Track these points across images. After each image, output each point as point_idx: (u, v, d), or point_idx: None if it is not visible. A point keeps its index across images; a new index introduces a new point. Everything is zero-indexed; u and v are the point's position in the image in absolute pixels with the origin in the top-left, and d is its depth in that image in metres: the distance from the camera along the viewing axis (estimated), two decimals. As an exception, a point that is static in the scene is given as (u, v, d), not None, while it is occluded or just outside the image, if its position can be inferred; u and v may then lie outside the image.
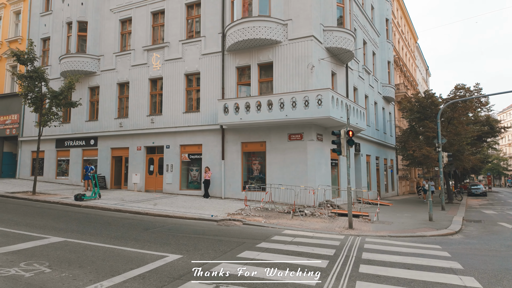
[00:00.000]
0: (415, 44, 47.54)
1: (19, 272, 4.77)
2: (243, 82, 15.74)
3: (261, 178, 14.84)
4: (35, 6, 21.68)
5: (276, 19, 14.43)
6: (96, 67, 19.17)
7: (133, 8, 18.55)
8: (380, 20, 25.86)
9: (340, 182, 16.32)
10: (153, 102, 17.86)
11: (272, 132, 14.54)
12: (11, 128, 21.72)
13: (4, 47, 22.34)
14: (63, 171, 20.04)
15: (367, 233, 9.07)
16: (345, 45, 15.65)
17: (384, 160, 25.07)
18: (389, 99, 26.59)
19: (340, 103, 13.63)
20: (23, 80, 14.54)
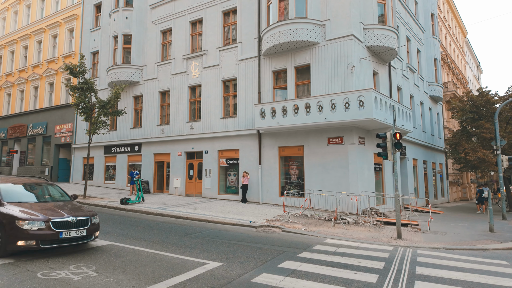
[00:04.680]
0: (464, 39, 44.06)
1: (68, 275, 4.96)
2: (279, 86, 15.55)
3: (299, 183, 14.46)
4: (86, 23, 23.45)
5: (313, 20, 14.08)
6: (140, 76, 20.17)
7: (172, 19, 19.28)
8: (424, 15, 24.28)
9: (385, 188, 15.38)
10: (192, 109, 18.31)
11: (310, 136, 14.13)
12: (65, 136, 23.57)
13: (60, 62, 24.41)
14: (111, 176, 21.24)
15: (418, 244, 8.33)
16: (387, 43, 14.83)
17: (432, 164, 23.31)
18: (437, 98, 24.77)
19: (384, 104, 12.86)
20: (75, 91, 15.66)
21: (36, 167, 24.76)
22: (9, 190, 6.66)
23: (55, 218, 5.96)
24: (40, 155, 24.98)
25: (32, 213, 5.92)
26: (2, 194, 6.40)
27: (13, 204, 6.21)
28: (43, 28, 26.05)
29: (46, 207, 6.43)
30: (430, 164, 22.85)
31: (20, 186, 7.08)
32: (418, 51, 22.46)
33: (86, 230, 6.27)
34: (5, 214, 5.86)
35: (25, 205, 6.29)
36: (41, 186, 7.54)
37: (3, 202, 6.17)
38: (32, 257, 5.82)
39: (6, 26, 29.66)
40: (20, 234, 5.63)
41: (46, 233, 5.75)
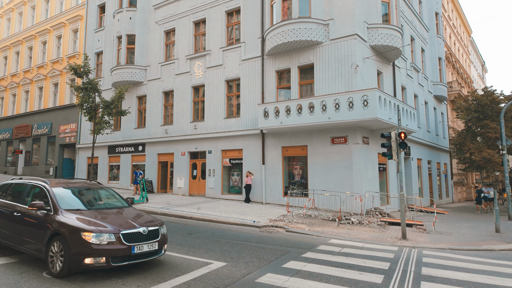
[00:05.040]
0: (468, 38, 43.73)
1: (74, 274, 4.97)
2: (282, 86, 15.52)
3: (303, 183, 14.42)
4: (90, 23, 23.57)
5: (317, 20, 14.04)
6: (143, 77, 20.23)
7: (176, 19, 19.32)
8: (429, 14, 24.12)
9: (389, 188, 15.29)
10: (195, 109, 18.34)
11: (314, 135, 14.09)
12: (70, 136, 23.71)
13: (64, 62, 24.56)
14: (115, 176, 21.33)
15: (423, 245, 8.26)
16: (391, 42, 14.75)
17: (436, 164, 23.16)
18: (441, 98, 24.61)
19: (388, 104, 12.79)
20: (79, 91, 15.74)
21: (41, 167, 24.93)
22: (63, 195, 5.74)
23: (126, 229, 5.01)
24: (45, 155, 25.14)
25: (98, 223, 4.98)
26: (57, 199, 5.47)
27: (71, 211, 5.29)
28: (48, 29, 26.22)
29: (110, 216, 5.52)
30: (435, 164, 22.70)
31: (73, 190, 6.14)
32: (423, 50, 22.33)
33: (158, 243, 5.35)
34: (66, 225, 4.92)
35: (86, 213, 5.37)
36: (93, 190, 6.58)
37: (60, 210, 5.25)
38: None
39: (11, 27, 29.90)
40: (87, 249, 4.66)
41: (117, 247, 4.81)
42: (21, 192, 6.12)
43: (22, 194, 6.03)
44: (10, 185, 6.55)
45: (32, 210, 5.45)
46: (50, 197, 5.51)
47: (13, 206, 5.89)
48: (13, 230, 5.66)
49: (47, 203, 5.42)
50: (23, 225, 5.51)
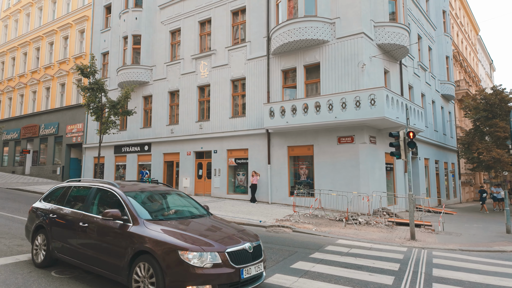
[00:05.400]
0: (476, 36, 43.19)
1: (82, 273, 4.96)
2: (288, 85, 15.45)
3: (309, 183, 14.34)
4: (96, 24, 23.72)
5: (323, 18, 13.94)
6: (149, 77, 20.30)
7: (181, 19, 19.34)
8: (436, 12, 23.84)
9: (396, 188, 15.14)
10: (201, 109, 18.34)
11: (320, 135, 13.99)
12: (76, 136, 23.89)
13: (71, 63, 24.76)
14: (121, 176, 21.44)
15: (432, 246, 8.14)
16: (398, 41, 14.59)
17: (444, 163, 22.89)
18: (449, 97, 24.32)
19: (396, 103, 12.65)
20: (86, 91, 15.84)
21: (48, 167, 25.17)
22: (137, 201, 4.71)
23: (230, 246, 3.91)
24: (52, 155, 25.37)
25: (196, 238, 3.89)
26: (135, 208, 4.43)
27: (154, 222, 4.24)
28: (55, 30, 26.45)
29: (201, 227, 4.41)
30: (442, 164, 22.44)
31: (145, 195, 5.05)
32: (430, 48, 22.08)
33: (263, 264, 4.26)
34: (155, 241, 3.85)
35: (172, 224, 4.31)
36: (165, 194, 5.40)
37: (141, 220, 4.20)
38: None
39: (19, 28, 30.23)
40: (187, 274, 3.59)
41: (224, 272, 3.72)
42: (83, 198, 5.16)
43: (85, 200, 5.04)
44: (67, 189, 5.60)
45: (104, 220, 4.44)
46: (125, 204, 4.47)
47: (76, 214, 4.95)
48: (78, 244, 4.70)
49: (123, 211, 4.37)
50: (92, 239, 4.53)
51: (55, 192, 5.85)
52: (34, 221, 5.64)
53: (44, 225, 5.34)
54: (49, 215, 5.37)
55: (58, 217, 5.23)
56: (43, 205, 5.76)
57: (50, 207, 5.53)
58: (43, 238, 5.32)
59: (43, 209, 5.63)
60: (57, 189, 5.87)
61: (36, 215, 5.69)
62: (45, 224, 5.34)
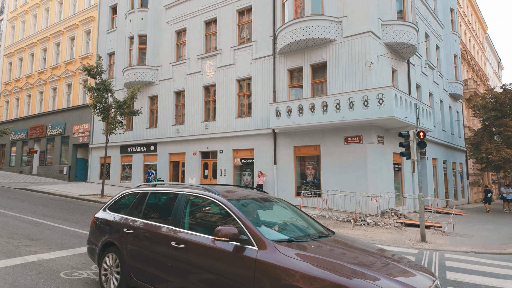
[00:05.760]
0: (484, 34, 42.62)
1: (90, 275, 4.94)
2: (294, 85, 15.34)
3: (315, 183, 14.22)
4: (103, 24, 23.82)
5: (330, 17, 13.81)
6: (155, 77, 20.32)
7: (187, 19, 19.33)
8: (443, 11, 23.54)
9: (404, 189, 14.95)
10: (207, 109, 18.31)
11: (327, 135, 13.87)
12: (83, 136, 24.03)
13: (77, 63, 24.91)
14: (127, 175, 21.51)
15: (444, 248, 7.99)
16: (406, 39, 14.41)
17: (452, 164, 22.59)
18: (457, 96, 24.00)
19: (404, 102, 12.48)
20: (93, 92, 15.89)
21: (55, 167, 25.35)
22: (255, 215, 3.69)
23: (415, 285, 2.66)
24: (59, 155, 25.56)
25: (360, 273, 2.66)
26: (255, 224, 3.33)
27: (283, 245, 3.05)
28: (61, 31, 26.63)
29: (349, 253, 3.13)
30: (450, 164, 22.15)
31: (256, 206, 3.91)
32: (437, 47, 21.81)
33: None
34: (307, 276, 2.65)
35: (310, 248, 3.12)
36: (274, 204, 4.24)
37: (268, 242, 3.04)
38: (54, 256, 5.83)
39: (26, 30, 30.50)
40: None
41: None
42: (167, 208, 4.08)
43: (172, 211, 3.86)
44: (143, 196, 4.46)
45: (211, 241, 3.31)
46: (239, 218, 3.29)
47: (162, 230, 3.79)
48: (171, 272, 3.57)
49: (239, 229, 3.19)
50: (194, 266, 3.39)
51: (124, 199, 4.75)
52: (101, 236, 4.54)
53: (116, 243, 4.23)
54: (122, 230, 4.24)
55: (135, 233, 4.07)
56: (110, 216, 4.63)
57: (122, 219, 4.38)
58: (115, 259, 4.26)
59: (112, 222, 4.50)
60: (127, 195, 4.74)
61: (102, 229, 4.60)
62: (117, 241, 4.24)
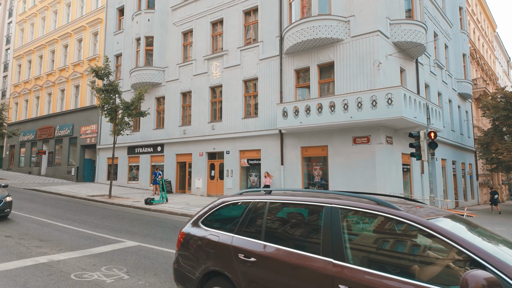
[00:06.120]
0: (493, 33, 42.03)
1: (101, 277, 4.94)
2: (301, 85, 15.26)
3: (323, 184, 14.11)
4: (110, 26, 24.00)
5: (337, 17, 13.71)
6: (162, 78, 20.40)
7: (193, 20, 19.36)
8: (452, 9, 23.24)
9: (413, 190, 14.76)
10: (213, 109, 18.32)
11: (334, 135, 13.75)
12: (90, 137, 24.22)
13: (85, 65, 25.13)
14: (134, 176, 21.62)
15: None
16: (415, 38, 14.23)
17: (461, 164, 22.27)
18: (466, 96, 23.67)
19: (413, 102, 12.31)
20: (100, 93, 15.99)
21: (63, 167, 25.60)
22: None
23: None
24: (67, 156, 25.80)
25: None
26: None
27: None
28: (69, 33, 26.91)
29: None
30: (459, 165, 21.83)
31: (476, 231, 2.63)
32: (446, 46, 21.53)
33: None
34: None
35: None
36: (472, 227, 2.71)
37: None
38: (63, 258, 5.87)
39: (35, 32, 30.89)
40: None
41: None
42: (309, 228, 3.02)
43: (323, 234, 2.71)
44: (259, 207, 3.29)
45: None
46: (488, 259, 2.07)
47: (307, 260, 2.66)
48: None
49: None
50: None
51: (226, 210, 3.61)
52: (199, 262, 3.38)
53: (228, 274, 3.10)
54: (235, 256, 3.09)
55: (261, 263, 2.91)
56: (210, 233, 3.45)
57: (232, 239, 3.20)
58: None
59: (216, 243, 3.31)
60: (229, 205, 3.59)
61: (199, 251, 3.44)
62: (229, 271, 3.11)
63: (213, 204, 3.73)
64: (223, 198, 3.74)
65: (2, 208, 9.20)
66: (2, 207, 9.20)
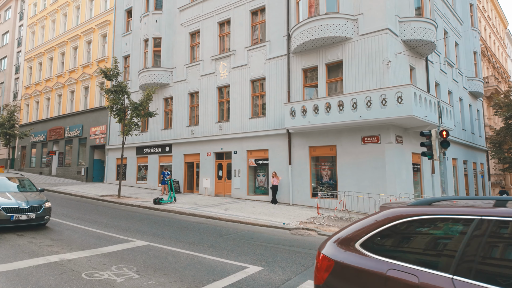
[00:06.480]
0: (505, 30, 41.20)
1: (111, 276, 4.95)
2: (309, 84, 15.16)
3: (331, 184, 13.99)
4: (118, 28, 24.23)
5: (345, 15, 13.57)
6: (169, 79, 20.50)
7: (201, 20, 19.42)
8: (462, 6, 22.84)
9: (423, 190, 14.53)
10: (221, 110, 18.33)
11: (343, 135, 13.62)
12: (99, 137, 24.49)
13: (94, 66, 25.42)
14: (142, 176, 21.77)
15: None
16: (424, 36, 14.01)
17: (472, 164, 21.86)
18: (477, 94, 23.22)
19: (424, 100, 12.11)
20: (109, 94, 16.14)
21: (73, 168, 25.93)
22: None
23: None
24: (77, 156, 26.13)
25: None
26: None
27: None
28: (78, 35, 27.25)
29: None
30: (471, 164, 21.43)
31: None
32: (456, 44, 21.16)
33: None
34: None
35: None
36: None
37: None
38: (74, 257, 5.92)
39: (45, 35, 31.37)
40: None
41: None
42: None
43: None
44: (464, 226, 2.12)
45: None
46: None
47: None
48: None
49: None
50: None
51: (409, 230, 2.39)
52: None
53: None
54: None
55: None
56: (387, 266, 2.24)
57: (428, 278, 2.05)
58: None
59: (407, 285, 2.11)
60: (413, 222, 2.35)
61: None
62: None
63: (380, 219, 2.46)
64: (397, 210, 2.46)
65: (41, 215, 8.12)
66: (41, 213, 8.12)
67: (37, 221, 8.10)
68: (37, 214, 8.00)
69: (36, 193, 9.01)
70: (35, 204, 8.08)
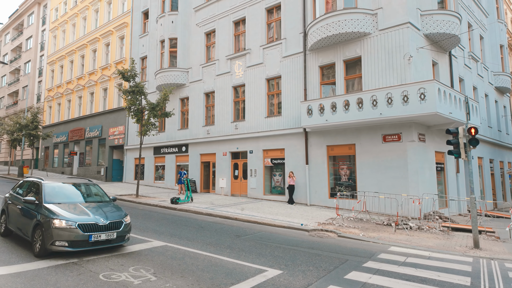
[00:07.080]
0: (533, 21, 39.06)
1: (128, 278, 4.90)
2: (326, 82, 14.81)
3: (350, 184, 13.61)
4: (135, 30, 24.59)
5: (364, 10, 13.15)
6: (185, 79, 20.60)
7: (216, 20, 19.39)
8: (488, -3, 21.77)
9: (447, 190, 13.91)
10: (236, 109, 18.24)
11: (362, 133, 13.21)
12: (118, 138, 24.94)
13: (112, 68, 25.92)
14: (160, 176, 22.00)
15: (502, 256, 7.20)
16: (448, 29, 13.39)
17: (499, 163, 20.83)
18: (503, 90, 22.10)
19: (448, 96, 11.57)
20: (127, 94, 16.34)
21: (93, 168, 26.55)
22: None
23: None
24: (96, 156, 26.73)
25: None
26: None
27: None
28: (97, 38, 27.86)
29: None
30: (498, 163, 20.43)
31: None
32: (481, 37, 20.20)
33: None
34: None
35: None
36: None
37: None
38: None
39: (66, 38, 32.28)
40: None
41: None
42: None
43: None
44: None
45: None
46: None
47: None
48: None
49: None
50: None
51: None
52: None
53: None
54: None
55: None
56: None
57: None
58: None
59: None
60: None
61: None
62: None
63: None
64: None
65: (122, 234, 6.33)
66: (122, 231, 6.31)
67: (118, 241, 6.30)
68: (117, 232, 6.19)
69: (111, 203, 7.20)
70: (114, 219, 6.30)
